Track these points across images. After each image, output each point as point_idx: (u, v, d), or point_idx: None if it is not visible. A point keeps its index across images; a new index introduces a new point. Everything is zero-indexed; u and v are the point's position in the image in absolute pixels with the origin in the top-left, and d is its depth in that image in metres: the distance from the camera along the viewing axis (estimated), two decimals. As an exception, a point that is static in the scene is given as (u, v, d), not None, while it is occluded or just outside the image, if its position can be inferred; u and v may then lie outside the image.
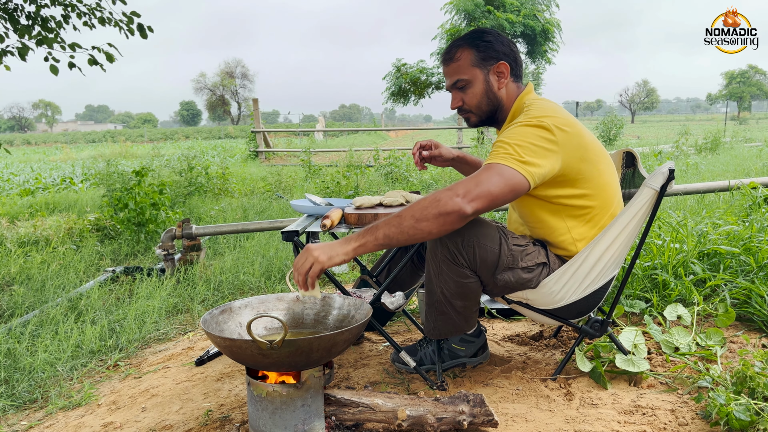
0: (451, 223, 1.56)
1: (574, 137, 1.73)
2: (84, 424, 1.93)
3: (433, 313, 1.93)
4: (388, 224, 1.58)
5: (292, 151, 14.57)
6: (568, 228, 1.84)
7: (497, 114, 1.92)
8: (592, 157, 1.78)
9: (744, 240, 2.84)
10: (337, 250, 1.57)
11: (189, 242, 3.92)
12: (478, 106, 1.90)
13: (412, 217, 1.56)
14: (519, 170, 1.61)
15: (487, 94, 1.88)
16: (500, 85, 1.88)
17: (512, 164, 1.61)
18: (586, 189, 1.79)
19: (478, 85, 1.88)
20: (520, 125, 1.71)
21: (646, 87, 79.95)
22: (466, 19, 17.12)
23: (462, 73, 1.87)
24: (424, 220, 1.56)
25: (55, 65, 4.55)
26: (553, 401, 1.85)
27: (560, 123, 1.71)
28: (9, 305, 3.18)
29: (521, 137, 1.66)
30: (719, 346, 2.12)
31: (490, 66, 1.87)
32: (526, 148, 1.64)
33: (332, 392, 1.62)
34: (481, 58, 1.86)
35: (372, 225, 1.60)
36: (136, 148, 23.35)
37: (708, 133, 12.81)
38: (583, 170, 1.76)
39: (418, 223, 1.56)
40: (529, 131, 1.68)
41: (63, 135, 56.49)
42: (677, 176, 7.04)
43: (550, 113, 1.73)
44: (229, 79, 61.77)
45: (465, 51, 1.87)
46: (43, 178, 11.37)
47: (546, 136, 1.67)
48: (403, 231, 1.57)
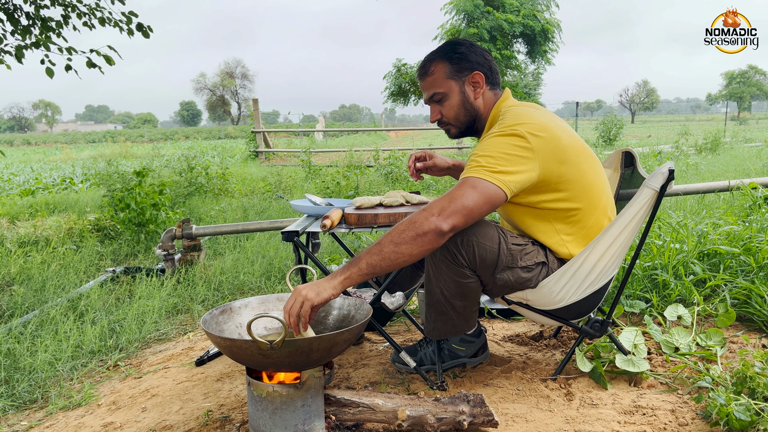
0: (429, 242, 1.57)
1: (550, 141, 1.71)
2: (84, 424, 1.93)
3: (433, 314, 1.93)
4: (369, 253, 1.58)
5: (292, 152, 14.58)
6: (556, 230, 1.84)
7: (476, 124, 1.93)
8: (572, 158, 1.76)
9: (744, 240, 2.85)
10: (324, 286, 1.57)
11: (189, 242, 3.92)
12: (456, 117, 1.92)
13: (392, 242, 1.57)
14: (493, 181, 1.62)
15: (464, 105, 1.89)
16: (476, 95, 1.89)
17: (485, 176, 1.62)
18: (568, 191, 1.78)
19: (454, 97, 1.89)
20: (494, 136, 1.71)
21: (646, 87, 79.97)
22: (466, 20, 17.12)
23: (437, 86, 1.89)
24: (403, 244, 1.56)
25: (51, 68, 4.55)
26: (553, 401, 1.85)
27: (534, 129, 1.70)
28: (9, 305, 3.18)
29: (494, 148, 1.67)
30: (719, 346, 2.12)
31: (464, 77, 1.87)
32: (499, 158, 1.65)
33: (332, 392, 1.62)
34: (455, 69, 1.87)
35: (355, 257, 1.61)
36: (136, 149, 23.37)
37: (708, 134, 12.82)
38: (564, 173, 1.75)
39: (398, 248, 1.57)
40: (502, 141, 1.68)
41: (63, 135, 56.51)
42: (677, 176, 7.05)
43: (524, 119, 1.73)
44: (229, 80, 61.80)
45: (439, 64, 1.88)
46: (44, 178, 11.38)
47: (520, 144, 1.67)
48: (384, 258, 1.57)
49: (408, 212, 2.05)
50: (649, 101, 79.25)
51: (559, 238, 1.84)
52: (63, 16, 4.88)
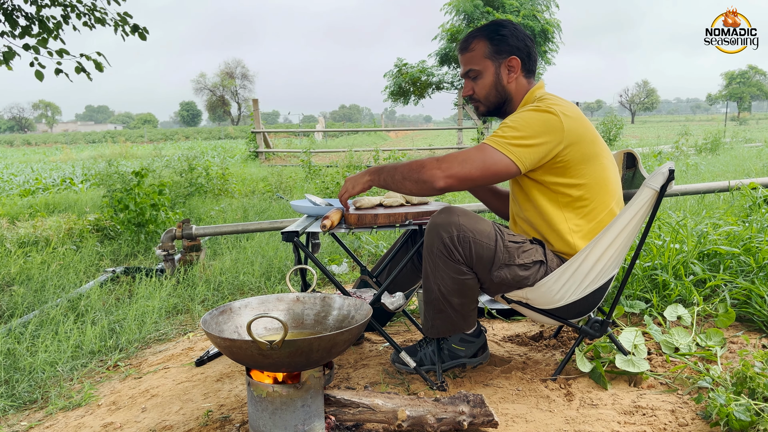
0: (426, 190, 1.76)
1: (581, 128, 1.79)
2: (84, 424, 1.93)
3: (431, 311, 1.93)
4: (389, 172, 1.84)
5: (292, 152, 14.57)
6: (565, 218, 1.86)
7: (505, 106, 1.97)
8: (598, 150, 1.83)
9: (744, 240, 2.84)
10: (358, 181, 1.91)
11: (189, 242, 3.92)
12: (486, 97, 1.96)
13: (402, 174, 1.80)
14: (508, 155, 1.71)
15: (496, 86, 1.93)
16: (510, 79, 1.93)
17: (500, 147, 1.72)
18: (585, 180, 1.81)
19: (488, 76, 1.93)
20: (528, 110, 1.78)
21: (646, 87, 79.96)
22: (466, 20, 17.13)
23: (474, 63, 1.93)
24: (408, 180, 1.78)
25: (40, 71, 4.52)
26: (553, 402, 1.85)
27: (568, 112, 1.77)
28: (9, 305, 3.18)
29: (522, 121, 1.75)
30: (719, 346, 2.12)
31: (502, 59, 1.91)
32: (523, 130, 1.72)
33: (332, 393, 1.62)
34: (494, 50, 1.91)
35: (383, 166, 1.87)
36: (136, 149, 23.36)
37: (708, 134, 12.81)
38: (585, 161, 1.80)
39: (404, 181, 1.79)
40: (535, 116, 1.75)
41: (63, 135, 56.49)
42: (677, 177, 7.04)
43: (560, 103, 1.80)
44: (229, 80, 61.79)
45: (480, 42, 1.92)
46: (43, 178, 11.37)
47: (552, 121, 1.74)
48: (394, 182, 1.82)
49: (408, 212, 2.05)
50: (649, 101, 79.23)
51: (566, 226, 1.86)
52: (63, 16, 4.87)
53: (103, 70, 4.70)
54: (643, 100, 78.85)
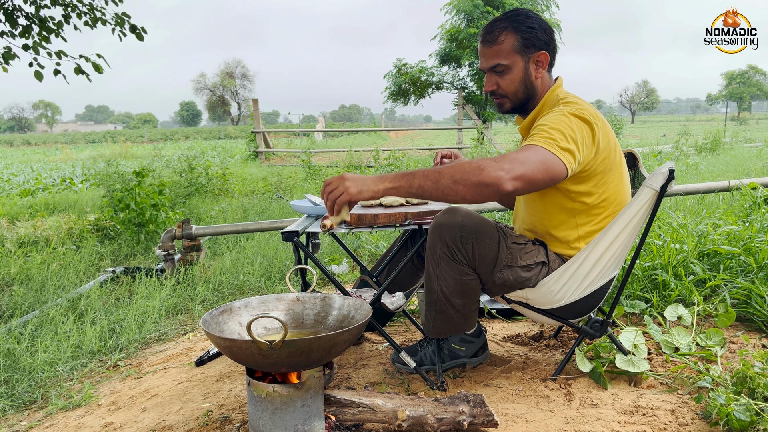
0: (487, 195, 1.54)
1: (607, 137, 1.77)
2: (84, 424, 1.93)
3: (433, 312, 1.93)
4: (426, 177, 1.56)
5: (292, 152, 14.57)
6: (576, 224, 1.85)
7: (529, 103, 1.90)
8: (618, 159, 1.82)
9: (744, 240, 2.84)
10: (368, 185, 1.58)
11: (189, 242, 3.92)
12: (514, 93, 1.87)
13: (452, 178, 1.54)
14: (561, 158, 1.60)
15: (525, 82, 1.86)
16: (538, 75, 1.86)
17: (555, 151, 1.61)
18: (604, 188, 1.81)
19: (517, 72, 1.84)
20: (563, 114, 1.71)
21: (646, 87, 79.96)
22: (466, 20, 17.12)
23: (503, 57, 1.83)
24: (462, 184, 1.53)
25: (39, 71, 4.53)
26: (553, 401, 1.85)
27: (598, 120, 1.75)
28: (9, 305, 3.18)
29: (564, 125, 1.67)
30: (719, 346, 2.12)
31: (531, 54, 1.84)
32: (568, 136, 1.65)
33: (332, 392, 1.62)
34: (523, 45, 1.82)
35: (409, 172, 1.59)
36: (136, 149, 23.36)
37: (708, 134, 12.81)
38: (608, 170, 1.79)
39: (456, 185, 1.54)
40: (573, 121, 1.69)
41: (63, 135, 56.49)
42: (677, 176, 7.04)
43: (589, 107, 1.77)
44: (229, 80, 61.79)
45: (509, 35, 1.82)
46: (43, 178, 11.38)
47: (587, 130, 1.70)
48: (439, 188, 1.55)
49: (408, 212, 2.05)
50: (649, 101, 79.23)
51: (576, 233, 1.85)
52: (64, 16, 4.87)
53: (102, 71, 4.69)
54: (643, 100, 78.85)
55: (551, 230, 1.89)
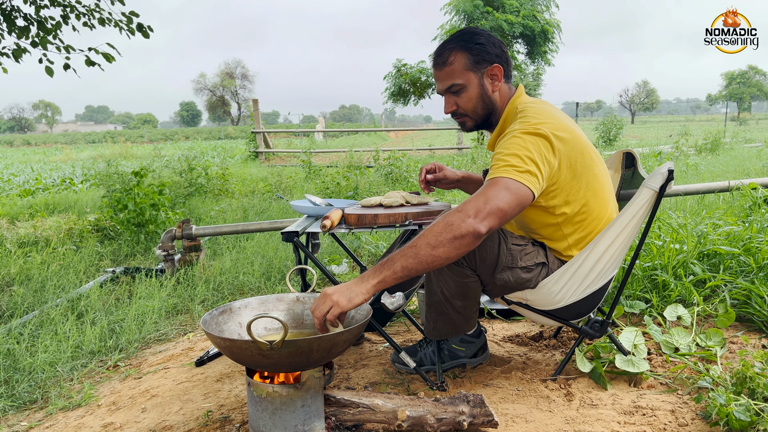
0: (467, 245, 1.53)
1: (571, 143, 1.73)
2: (84, 424, 1.93)
3: (433, 313, 1.93)
4: (404, 256, 1.54)
5: (292, 152, 14.57)
6: (564, 235, 1.85)
7: (491, 117, 1.90)
8: (588, 162, 1.78)
9: (744, 240, 2.85)
10: (355, 291, 1.53)
11: (189, 243, 3.92)
12: (474, 110, 1.87)
13: (428, 245, 1.53)
14: (523, 182, 1.59)
15: (482, 97, 1.85)
16: (494, 88, 1.86)
17: (516, 177, 1.59)
18: (580, 193, 1.79)
19: (472, 89, 1.84)
20: (518, 134, 1.68)
21: (646, 88, 79.98)
22: (466, 20, 17.12)
23: (456, 77, 1.83)
24: (440, 246, 1.52)
25: (50, 67, 4.54)
26: (553, 402, 1.85)
27: (557, 129, 1.70)
28: (9, 306, 3.18)
29: (520, 147, 1.64)
30: (719, 346, 2.12)
31: (483, 69, 1.83)
32: (525, 158, 1.62)
33: (332, 393, 1.62)
34: (474, 61, 1.82)
35: (387, 259, 1.56)
36: (136, 149, 23.37)
37: (708, 134, 12.81)
38: (578, 176, 1.76)
39: (435, 251, 1.53)
40: (528, 140, 1.65)
41: (63, 135, 56.51)
42: (677, 177, 7.04)
43: (545, 119, 1.71)
44: (228, 80, 61.81)
45: (458, 54, 1.82)
46: (43, 178, 11.38)
47: (544, 145, 1.66)
48: (421, 261, 1.53)
49: (408, 212, 2.05)
50: (648, 102, 79.25)
51: (566, 242, 1.85)
52: (62, 17, 4.88)
53: (113, 60, 4.70)
54: (643, 100, 78.87)
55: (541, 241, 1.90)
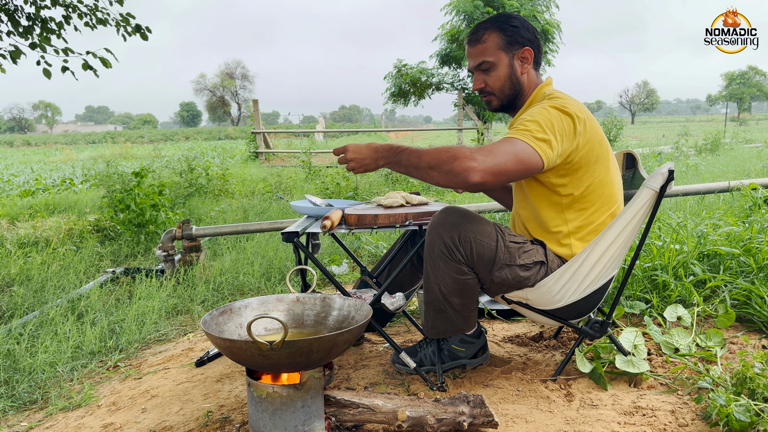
0: (457, 183, 1.62)
1: (592, 131, 1.79)
2: (84, 425, 1.93)
3: (431, 312, 1.93)
4: (412, 156, 1.70)
5: (292, 152, 14.56)
6: (566, 219, 1.85)
7: (517, 99, 1.95)
8: (604, 153, 1.83)
9: (744, 241, 2.84)
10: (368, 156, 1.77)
11: (189, 243, 3.92)
12: (501, 89, 1.93)
13: (427, 162, 1.66)
14: (536, 149, 1.65)
15: (511, 78, 1.91)
16: (523, 70, 1.91)
17: (530, 141, 1.65)
18: (590, 181, 1.82)
19: (502, 68, 1.90)
20: (543, 107, 1.75)
21: (646, 88, 79.99)
22: (466, 21, 17.12)
23: (487, 55, 1.89)
24: (436, 170, 1.64)
25: (47, 69, 4.53)
26: (553, 402, 1.85)
27: (581, 113, 1.77)
28: (9, 306, 3.18)
29: (543, 117, 1.71)
30: (719, 347, 2.12)
31: (515, 51, 1.89)
32: (546, 127, 1.68)
33: (332, 393, 1.62)
34: (507, 42, 1.89)
35: (402, 148, 1.74)
36: (136, 149, 23.38)
37: (708, 134, 12.82)
38: (593, 163, 1.80)
39: (431, 170, 1.65)
40: (553, 113, 1.72)
41: (63, 136, 56.49)
42: (677, 177, 7.05)
43: (573, 102, 1.79)
44: (229, 80, 61.82)
45: (492, 33, 1.89)
46: (43, 179, 11.38)
47: (567, 123, 1.72)
48: (418, 169, 1.68)
49: (408, 213, 2.05)
50: (649, 102, 79.27)
51: (566, 228, 1.86)
52: (64, 17, 4.88)
53: (110, 66, 4.70)
54: (643, 100, 78.88)
55: (543, 224, 1.90)
